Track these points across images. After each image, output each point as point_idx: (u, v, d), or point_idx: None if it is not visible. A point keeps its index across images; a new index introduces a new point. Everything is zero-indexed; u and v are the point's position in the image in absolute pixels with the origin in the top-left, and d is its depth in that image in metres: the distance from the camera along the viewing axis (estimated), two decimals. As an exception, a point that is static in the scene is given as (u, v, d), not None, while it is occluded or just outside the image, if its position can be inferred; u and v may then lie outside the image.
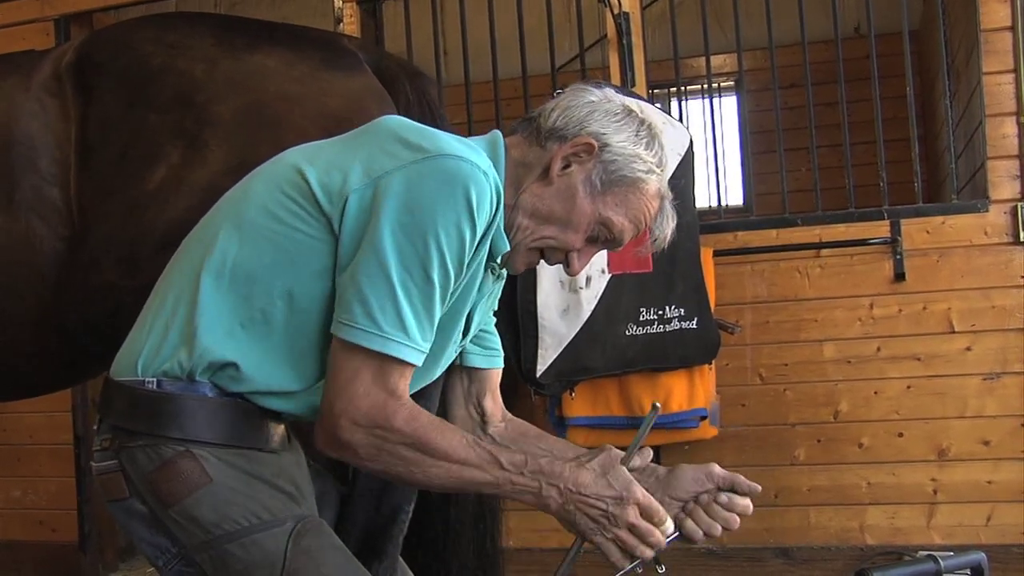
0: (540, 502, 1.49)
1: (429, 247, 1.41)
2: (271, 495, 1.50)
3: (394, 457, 1.44)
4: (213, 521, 1.45)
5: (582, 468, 1.50)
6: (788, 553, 3.89)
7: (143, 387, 1.49)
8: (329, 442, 1.45)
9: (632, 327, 3.49)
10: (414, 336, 1.43)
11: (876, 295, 3.80)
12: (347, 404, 1.42)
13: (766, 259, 3.91)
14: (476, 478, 1.46)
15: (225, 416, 1.50)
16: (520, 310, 3.39)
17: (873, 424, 3.80)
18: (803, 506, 3.89)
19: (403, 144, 1.48)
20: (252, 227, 1.50)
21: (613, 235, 1.62)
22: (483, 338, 1.83)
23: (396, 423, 1.42)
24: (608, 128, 1.60)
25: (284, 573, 1.45)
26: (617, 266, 3.45)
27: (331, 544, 1.52)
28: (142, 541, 1.53)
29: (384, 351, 1.41)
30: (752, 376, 3.93)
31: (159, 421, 1.47)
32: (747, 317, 3.92)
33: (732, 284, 3.91)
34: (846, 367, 3.83)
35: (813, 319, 3.87)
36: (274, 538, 1.46)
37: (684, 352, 3.56)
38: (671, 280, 3.55)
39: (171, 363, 1.48)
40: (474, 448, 1.47)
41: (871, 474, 3.81)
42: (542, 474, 1.48)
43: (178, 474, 1.46)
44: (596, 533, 1.50)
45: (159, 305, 1.55)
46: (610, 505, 1.48)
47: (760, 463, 3.90)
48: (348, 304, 1.42)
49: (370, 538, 1.87)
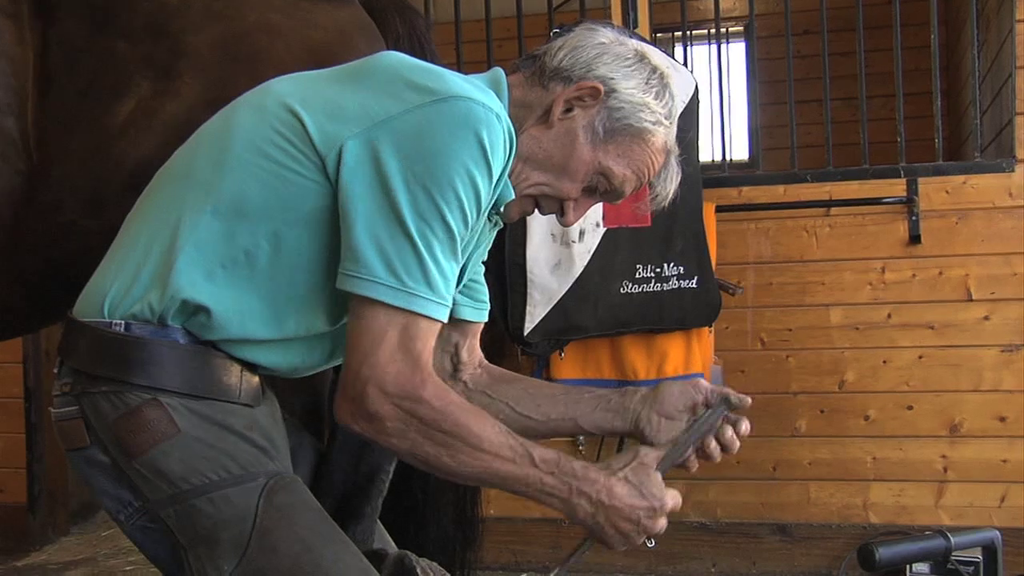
0: (567, 508, 1.50)
1: (447, 196, 1.42)
2: (243, 449, 1.51)
3: (422, 435, 1.43)
4: (180, 474, 1.46)
5: (615, 477, 1.50)
6: (786, 530, 3.94)
7: (109, 330, 1.49)
8: (355, 413, 1.44)
9: (627, 285, 3.52)
10: (439, 290, 1.44)
11: (888, 258, 3.83)
12: (373, 370, 1.41)
13: (772, 217, 3.93)
14: (507, 472, 1.46)
15: (196, 364, 1.50)
16: (508, 264, 3.41)
17: (881, 395, 3.85)
18: (803, 480, 3.94)
19: (409, 85, 1.47)
20: (239, 163, 1.49)
21: (613, 186, 1.63)
22: (471, 288, 1.84)
23: (426, 395, 1.42)
24: (617, 73, 1.60)
25: (255, 531, 1.46)
26: (613, 219, 3.46)
27: (305, 502, 1.53)
28: (103, 494, 1.53)
29: (411, 308, 1.41)
30: (753, 341, 3.97)
31: (125, 367, 1.48)
32: (749, 278, 3.95)
33: (734, 243, 3.94)
34: (854, 334, 3.87)
35: (820, 282, 3.90)
36: (245, 494, 1.47)
37: (682, 313, 3.59)
38: (670, 236, 3.57)
39: (141, 305, 1.48)
40: (508, 439, 1.47)
41: (877, 448, 3.86)
42: (574, 478, 1.48)
43: (144, 423, 1.46)
44: (621, 544, 1.52)
45: (130, 243, 1.55)
46: (643, 517, 1.50)
47: (758, 434, 3.87)
48: (365, 259, 1.42)
49: (347, 498, 1.89)
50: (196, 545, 1.47)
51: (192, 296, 1.47)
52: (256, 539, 1.46)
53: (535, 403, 1.79)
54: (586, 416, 1.77)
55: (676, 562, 4.02)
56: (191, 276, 1.48)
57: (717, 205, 3.82)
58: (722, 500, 3.99)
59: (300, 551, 1.46)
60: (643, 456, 1.55)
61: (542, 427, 1.79)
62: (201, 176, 1.52)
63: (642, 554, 3.99)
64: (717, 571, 3.99)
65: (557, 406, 1.79)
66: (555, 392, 1.82)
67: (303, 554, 1.46)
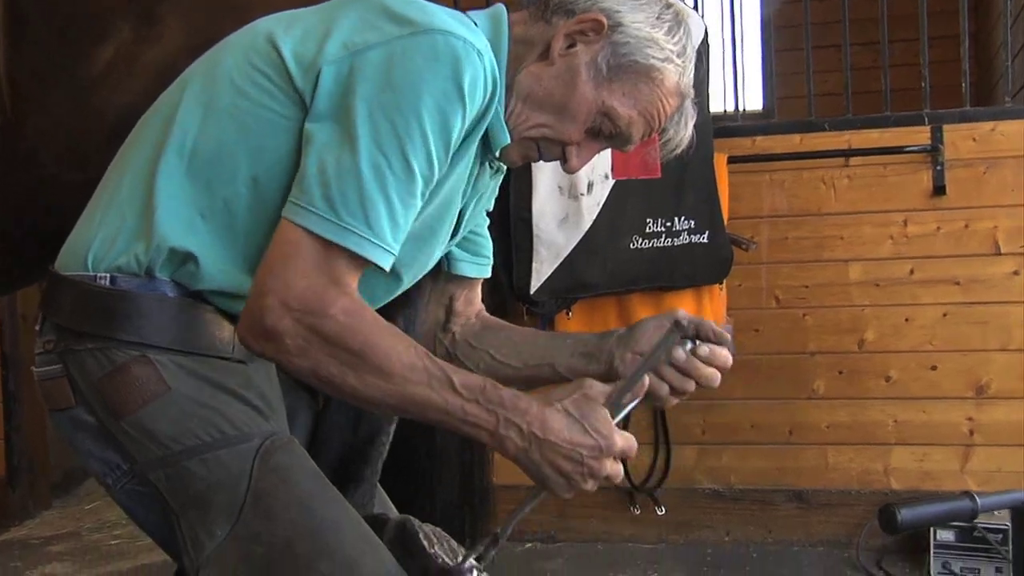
0: (495, 442, 1.42)
1: (411, 130, 1.40)
2: (236, 408, 1.51)
3: (325, 355, 1.38)
4: (171, 435, 1.46)
5: (552, 408, 1.42)
6: (802, 496, 3.97)
7: (94, 283, 1.49)
8: (252, 328, 1.40)
9: (637, 240, 3.53)
10: (379, 230, 1.40)
11: (911, 210, 3.82)
12: (277, 283, 1.38)
13: (787, 168, 3.92)
14: (421, 397, 1.39)
15: (186, 318, 1.50)
16: (513, 218, 3.42)
17: (903, 355, 3.86)
18: (821, 445, 3.95)
19: (390, 17, 1.47)
20: (220, 106, 1.49)
21: (618, 129, 1.60)
22: (473, 242, 1.84)
23: (333, 310, 1.37)
24: (624, 6, 1.58)
25: (249, 494, 1.46)
26: (622, 171, 3.46)
27: (302, 464, 1.53)
28: (89, 457, 1.53)
29: (340, 242, 1.38)
30: (768, 299, 3.97)
31: (111, 322, 1.47)
32: (764, 232, 3.95)
33: (748, 195, 3.93)
34: (874, 291, 3.87)
35: (838, 236, 3.89)
36: (239, 455, 1.47)
37: (692, 270, 3.60)
38: (681, 189, 3.57)
39: (126, 257, 1.48)
40: (423, 361, 1.40)
41: (899, 411, 3.87)
42: (501, 407, 1.40)
43: (132, 381, 1.46)
44: (564, 488, 1.42)
45: (113, 191, 1.54)
46: (586, 456, 1.40)
47: (774, 396, 3.95)
48: (307, 185, 1.39)
49: (346, 461, 1.89)
50: (188, 509, 1.47)
51: (179, 244, 1.47)
52: (251, 503, 1.46)
53: (516, 351, 1.78)
54: (563, 361, 1.74)
55: (688, 531, 4.04)
56: (173, 225, 1.47)
57: (730, 156, 3.81)
58: (736, 466, 4.01)
59: (297, 515, 1.46)
60: (588, 388, 1.44)
61: (520, 374, 1.76)
62: (183, 122, 1.51)
63: (651, 522, 4.02)
64: (731, 540, 4.02)
65: (536, 352, 1.77)
66: (538, 339, 1.80)
67: (300, 518, 1.46)
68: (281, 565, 1.44)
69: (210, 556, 1.46)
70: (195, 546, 1.47)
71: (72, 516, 4.75)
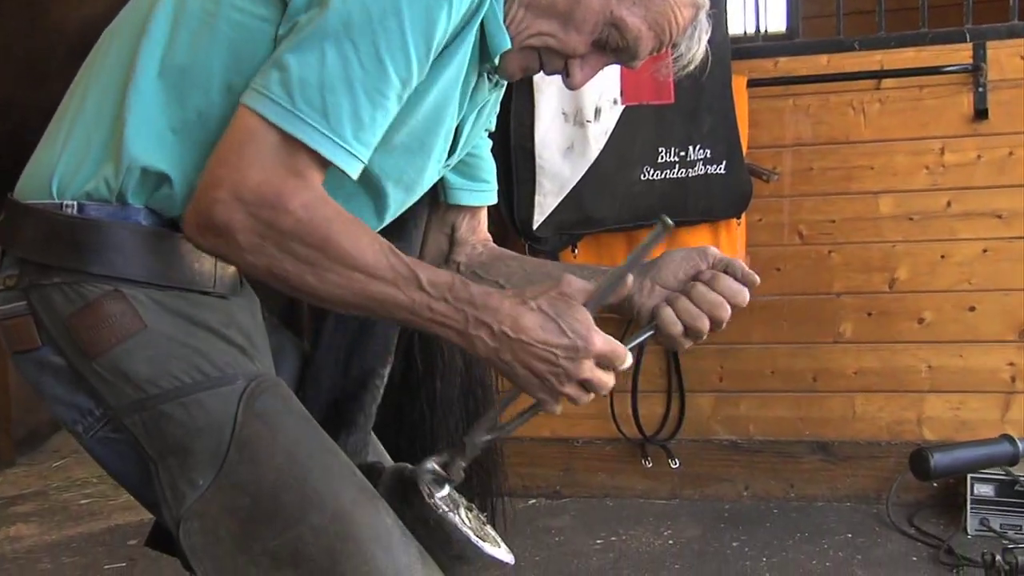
0: (467, 343, 1.42)
1: (387, 22, 1.38)
2: (218, 347, 1.50)
3: (281, 250, 1.36)
4: (147, 376, 1.45)
5: (525, 306, 1.42)
6: (827, 448, 3.99)
7: (60, 212, 1.47)
8: (200, 223, 1.38)
9: (648, 171, 3.52)
10: (340, 128, 1.38)
11: (949, 137, 3.81)
12: (232, 172, 1.36)
13: (813, 91, 3.90)
14: (385, 295, 1.39)
15: (162, 249, 1.49)
16: (513, 147, 3.40)
17: (938, 295, 3.86)
18: (847, 393, 3.97)
19: None
20: (188, 9, 1.47)
21: (626, 41, 1.59)
22: (471, 165, 1.83)
23: (291, 204, 1.35)
24: None
25: (233, 440, 1.45)
26: (632, 95, 3.44)
27: (290, 408, 1.53)
28: (57, 402, 1.51)
29: (293, 132, 1.36)
30: (790, 235, 3.97)
31: (81, 254, 1.46)
32: (786, 162, 3.94)
33: (769, 122, 3.92)
34: (907, 225, 3.87)
35: (868, 166, 3.88)
36: (222, 399, 1.47)
37: (708, 203, 3.60)
38: (696, 115, 3.56)
39: (95, 181, 1.46)
40: (388, 257, 1.39)
41: (933, 355, 3.88)
42: (471, 305, 1.40)
43: (104, 318, 1.45)
44: (539, 390, 1.43)
45: (77, 111, 1.53)
46: (561, 357, 1.40)
47: (796, 340, 3.96)
48: (267, 67, 1.38)
49: (337, 405, 1.89)
50: (166, 457, 1.47)
51: (150, 163, 1.45)
52: (235, 449, 1.45)
53: (528, 281, 1.76)
54: None
55: (703, 485, 4.07)
56: (143, 143, 1.46)
57: (749, 79, 3.80)
58: (755, 415, 4.03)
59: (285, 462, 1.46)
60: (565, 285, 1.44)
61: None
62: (153, 32, 1.49)
63: (664, 476, 4.05)
64: (749, 495, 4.05)
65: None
66: (551, 270, 1.80)
67: (288, 466, 1.46)
68: (268, 516, 1.44)
69: (191, 508, 1.45)
70: (175, 497, 1.47)
71: (39, 474, 4.77)
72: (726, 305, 1.55)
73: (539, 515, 4.00)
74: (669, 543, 3.72)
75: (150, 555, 3.58)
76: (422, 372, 2.35)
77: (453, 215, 1.85)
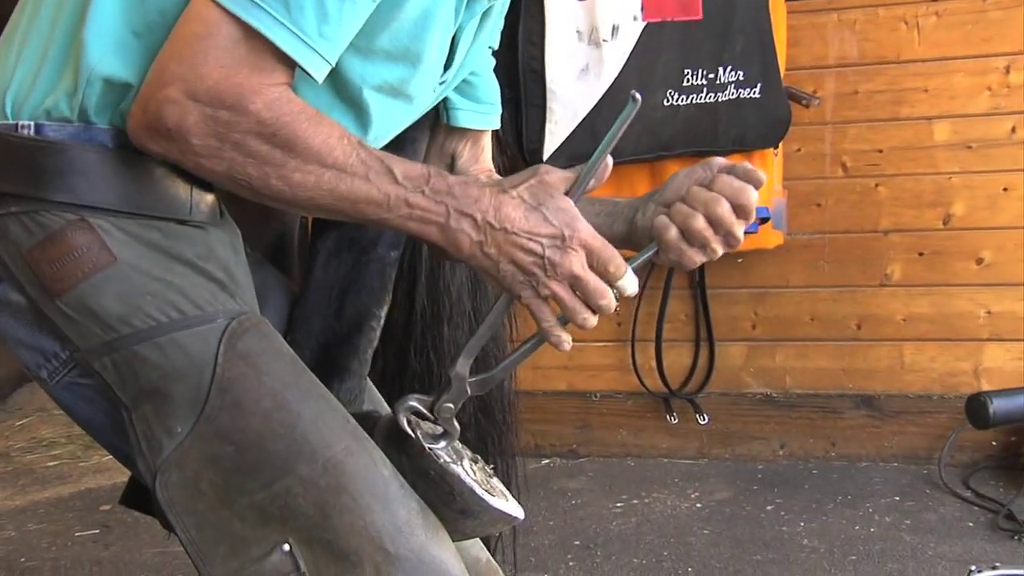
0: (448, 238, 1.43)
1: None
2: (196, 282, 1.49)
3: (242, 153, 1.37)
4: (117, 314, 1.45)
5: (507, 195, 1.43)
6: (872, 403, 4.00)
7: (15, 133, 1.46)
8: (149, 124, 1.37)
9: (672, 95, 3.50)
10: (300, 19, 1.36)
11: (1016, 54, 3.78)
12: (185, 69, 1.34)
13: (859, 4, 3.88)
14: (358, 191, 1.40)
15: (133, 174, 1.47)
16: (522, 68, 3.39)
17: (999, 233, 3.85)
18: (896, 341, 3.97)
19: None
20: None
21: None
22: (472, 84, 1.83)
23: (253, 104, 1.35)
24: None
25: (214, 384, 1.45)
26: (655, 11, 3.43)
27: (276, 349, 1.53)
28: (18, 345, 1.52)
29: (248, 19, 1.34)
30: (832, 166, 3.96)
31: (40, 180, 1.45)
32: (829, 85, 3.92)
33: (810, 40, 3.90)
34: (965, 155, 3.85)
35: (921, 88, 3.86)
36: (201, 338, 1.47)
37: (741, 131, 3.59)
38: (727, 32, 3.54)
39: (54, 97, 1.45)
40: (357, 150, 1.40)
41: (992, 300, 3.88)
42: (450, 196, 1.42)
43: (69, 251, 1.44)
44: (526, 287, 1.44)
45: (30, 20, 1.51)
46: (546, 247, 1.42)
47: (839, 283, 3.96)
48: None
49: (329, 350, 1.88)
50: (141, 403, 1.47)
51: (112, 72, 1.44)
52: (216, 394, 1.46)
53: None
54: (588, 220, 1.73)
55: (734, 443, 4.09)
56: (103, 50, 1.44)
57: (788, -8, 3.77)
58: (792, 366, 4.04)
59: (271, 408, 1.47)
60: (545, 173, 1.46)
61: None
62: None
63: (691, 434, 4.07)
64: (785, 453, 4.06)
65: None
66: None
67: (275, 411, 1.47)
68: (253, 467, 1.45)
69: (169, 458, 1.46)
70: (151, 447, 1.47)
71: (0, 434, 4.80)
72: (723, 200, 1.52)
73: (554, 476, 4.02)
74: (697, 507, 3.74)
75: (125, 521, 3.67)
76: (429, 316, 2.35)
77: (453, 142, 1.85)
